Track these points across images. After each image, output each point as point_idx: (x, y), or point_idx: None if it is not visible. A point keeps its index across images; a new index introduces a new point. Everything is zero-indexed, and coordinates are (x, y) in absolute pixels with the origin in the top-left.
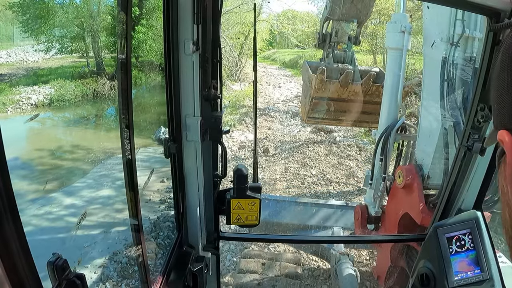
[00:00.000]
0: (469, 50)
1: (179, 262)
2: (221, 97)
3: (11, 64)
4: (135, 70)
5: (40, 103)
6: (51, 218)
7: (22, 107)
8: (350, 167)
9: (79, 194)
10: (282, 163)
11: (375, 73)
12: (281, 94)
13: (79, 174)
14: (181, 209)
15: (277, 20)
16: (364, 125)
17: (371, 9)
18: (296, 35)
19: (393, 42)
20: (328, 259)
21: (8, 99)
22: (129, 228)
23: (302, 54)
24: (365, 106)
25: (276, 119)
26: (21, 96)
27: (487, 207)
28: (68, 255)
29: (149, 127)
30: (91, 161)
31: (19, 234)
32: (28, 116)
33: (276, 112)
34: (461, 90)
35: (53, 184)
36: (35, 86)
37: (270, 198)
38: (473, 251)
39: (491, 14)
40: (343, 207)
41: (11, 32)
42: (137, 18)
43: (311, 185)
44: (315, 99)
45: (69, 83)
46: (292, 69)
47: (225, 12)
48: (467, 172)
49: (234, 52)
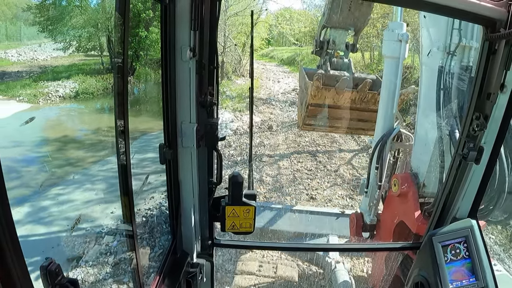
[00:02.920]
0: (466, 60)
1: (173, 268)
2: (217, 104)
3: (22, 62)
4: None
5: (67, 95)
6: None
7: (51, 99)
8: (334, 136)
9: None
10: (283, 135)
11: (371, 80)
12: (280, 88)
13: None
14: (175, 216)
15: (276, 21)
16: (360, 132)
17: (368, 17)
18: (294, 33)
19: (389, 51)
20: (323, 266)
21: (38, 92)
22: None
23: (299, 51)
24: (361, 113)
25: (277, 107)
26: (49, 90)
27: (482, 216)
28: (60, 260)
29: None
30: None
31: (12, 238)
32: (58, 106)
33: (277, 102)
34: (457, 99)
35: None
36: (59, 81)
37: (266, 205)
38: (468, 259)
39: (487, 24)
40: (338, 215)
41: (19, 32)
42: (150, 20)
43: (304, 147)
44: (312, 106)
45: (90, 79)
46: (290, 66)
47: (230, 15)
48: (462, 180)
49: (238, 50)
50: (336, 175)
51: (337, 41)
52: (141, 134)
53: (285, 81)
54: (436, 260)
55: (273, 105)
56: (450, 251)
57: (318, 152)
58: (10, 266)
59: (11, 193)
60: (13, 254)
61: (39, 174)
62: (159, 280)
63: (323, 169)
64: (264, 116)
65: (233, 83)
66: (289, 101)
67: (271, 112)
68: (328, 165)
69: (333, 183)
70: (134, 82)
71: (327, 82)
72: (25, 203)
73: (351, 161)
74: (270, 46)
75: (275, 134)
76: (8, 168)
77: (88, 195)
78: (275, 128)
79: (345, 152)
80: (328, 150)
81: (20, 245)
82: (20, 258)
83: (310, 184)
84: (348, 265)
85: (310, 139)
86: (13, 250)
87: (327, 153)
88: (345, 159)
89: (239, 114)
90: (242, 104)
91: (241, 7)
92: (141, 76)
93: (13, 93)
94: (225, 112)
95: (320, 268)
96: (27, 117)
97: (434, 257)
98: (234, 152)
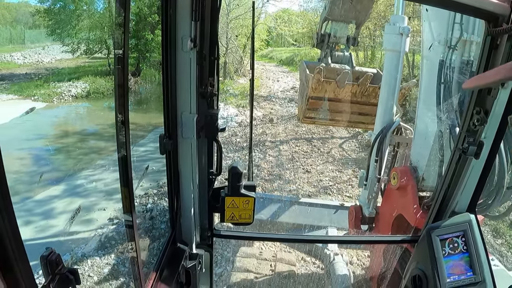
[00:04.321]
0: (467, 54)
1: (172, 259)
2: (217, 95)
3: (28, 65)
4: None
5: (79, 94)
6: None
7: (64, 98)
8: (328, 126)
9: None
10: (282, 126)
11: (372, 74)
12: (279, 86)
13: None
14: (175, 206)
15: (275, 22)
16: (360, 126)
17: (370, 10)
18: (292, 34)
19: (390, 44)
20: (321, 258)
21: (52, 91)
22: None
23: (297, 52)
24: (362, 107)
25: (277, 103)
26: (62, 89)
27: (480, 210)
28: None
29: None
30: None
31: (13, 229)
32: (70, 105)
33: (276, 99)
34: (458, 93)
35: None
36: (69, 82)
37: (265, 197)
38: (466, 253)
39: (490, 19)
40: (337, 207)
41: (22, 36)
42: (156, 24)
43: (301, 135)
44: (312, 99)
45: (99, 79)
46: (289, 66)
47: (232, 18)
48: (461, 174)
49: (239, 51)
50: (328, 155)
51: (338, 34)
52: (153, 128)
53: (284, 80)
54: (434, 254)
55: (273, 101)
56: (448, 245)
57: (313, 138)
58: (11, 258)
59: (46, 176)
60: (13, 244)
61: (68, 160)
62: (159, 270)
63: (317, 151)
64: (265, 111)
65: (235, 82)
66: (288, 98)
67: (271, 108)
68: (322, 148)
69: (325, 161)
70: (141, 82)
71: (328, 75)
72: (61, 182)
73: (342, 145)
74: (269, 47)
75: (276, 126)
76: (37, 156)
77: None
78: (276, 121)
79: (336, 139)
80: (322, 137)
81: (20, 235)
82: (21, 249)
83: (306, 161)
84: (347, 258)
85: (307, 128)
86: (14, 242)
87: (321, 139)
88: (336, 144)
89: (242, 110)
90: (244, 101)
91: (242, 11)
92: (147, 77)
93: (28, 92)
94: (230, 107)
95: (319, 260)
96: (46, 114)
97: (432, 250)
98: (240, 140)
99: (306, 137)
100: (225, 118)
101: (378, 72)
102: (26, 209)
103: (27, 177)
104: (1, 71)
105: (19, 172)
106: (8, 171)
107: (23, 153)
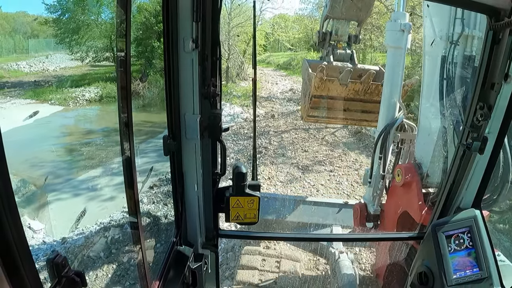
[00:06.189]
0: (469, 49)
1: (178, 260)
2: (220, 95)
3: (35, 73)
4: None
5: (92, 99)
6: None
7: (79, 102)
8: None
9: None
10: (283, 120)
11: (374, 71)
12: (278, 88)
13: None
14: (180, 207)
15: (272, 29)
16: (363, 123)
17: (371, 8)
18: (289, 39)
19: (392, 41)
20: (326, 257)
21: (67, 96)
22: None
23: (294, 56)
24: (365, 104)
25: (277, 103)
26: (76, 94)
27: (486, 206)
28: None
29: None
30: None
31: (19, 233)
32: (84, 108)
33: (276, 99)
34: (461, 89)
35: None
36: (81, 87)
37: (270, 196)
38: (472, 249)
39: (491, 13)
40: (342, 205)
41: (26, 45)
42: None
43: (299, 126)
44: (315, 97)
45: (109, 85)
46: (286, 70)
47: (233, 26)
48: (466, 170)
49: (240, 56)
50: (322, 140)
51: (340, 32)
52: (163, 129)
53: (282, 83)
54: (440, 250)
55: (273, 101)
56: (453, 241)
57: (310, 128)
58: (17, 261)
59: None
60: (19, 247)
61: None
62: (165, 271)
63: (313, 138)
64: (267, 109)
65: (237, 85)
66: (287, 98)
67: (272, 107)
68: (317, 135)
69: (320, 144)
70: (149, 87)
71: (330, 74)
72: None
73: (334, 133)
74: (267, 52)
75: (277, 120)
76: (61, 151)
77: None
78: (277, 117)
79: (330, 128)
80: (317, 127)
81: (26, 238)
82: (27, 251)
83: (304, 144)
84: (352, 256)
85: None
86: (20, 245)
87: (317, 129)
88: (330, 132)
89: (246, 109)
90: (247, 101)
91: (242, 19)
92: (154, 82)
93: (44, 97)
94: (235, 107)
95: (324, 259)
96: (64, 116)
97: (437, 247)
98: (247, 131)
99: (304, 127)
100: (232, 115)
101: (380, 69)
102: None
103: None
104: (10, 78)
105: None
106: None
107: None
